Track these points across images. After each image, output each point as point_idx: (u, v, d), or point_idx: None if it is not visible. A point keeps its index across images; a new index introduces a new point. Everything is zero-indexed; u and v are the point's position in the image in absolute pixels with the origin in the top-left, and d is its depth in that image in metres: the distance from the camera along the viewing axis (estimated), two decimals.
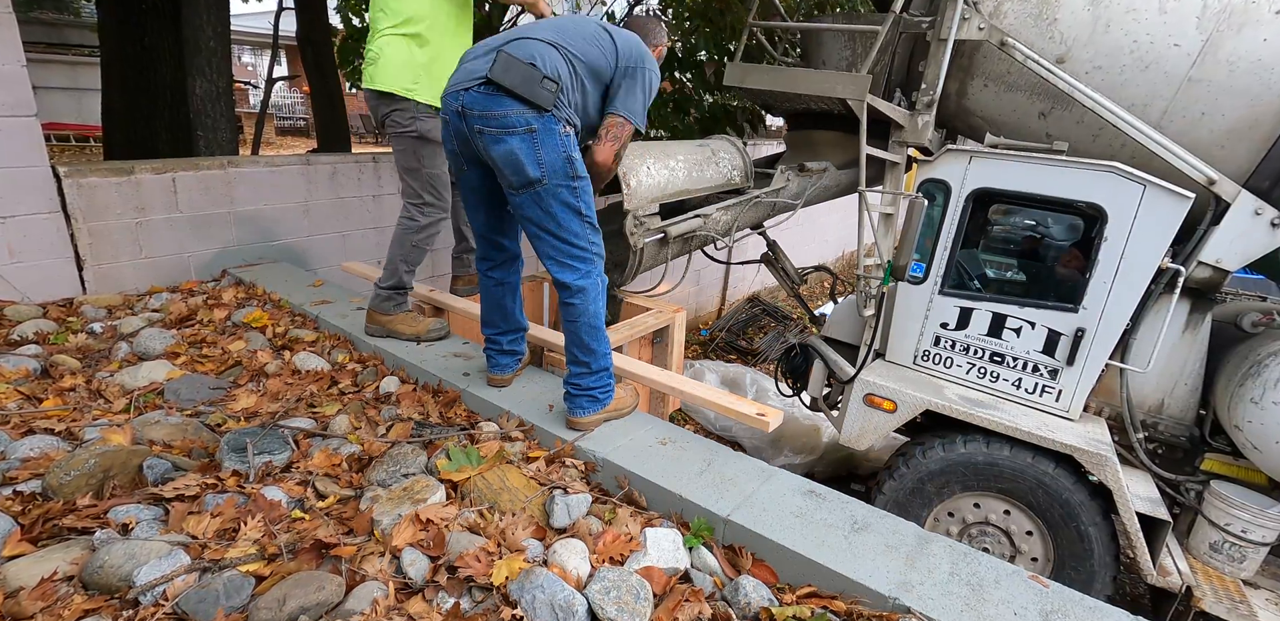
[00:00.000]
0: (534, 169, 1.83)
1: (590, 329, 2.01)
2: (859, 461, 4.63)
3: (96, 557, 1.39)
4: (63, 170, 2.91)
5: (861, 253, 3.21)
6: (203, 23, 4.14)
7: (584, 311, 1.99)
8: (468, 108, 1.82)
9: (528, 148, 1.81)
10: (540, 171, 1.83)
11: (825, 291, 8.34)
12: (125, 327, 2.71)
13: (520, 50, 1.81)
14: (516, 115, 1.79)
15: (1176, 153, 2.75)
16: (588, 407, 2.06)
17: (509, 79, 1.77)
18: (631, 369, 2.45)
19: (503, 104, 1.79)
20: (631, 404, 2.22)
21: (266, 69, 8.48)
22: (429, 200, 2.67)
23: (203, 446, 1.94)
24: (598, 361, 2.04)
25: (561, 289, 1.99)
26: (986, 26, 2.96)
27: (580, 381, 2.04)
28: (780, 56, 4.26)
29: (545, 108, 1.80)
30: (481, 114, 1.81)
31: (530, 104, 1.79)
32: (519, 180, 1.85)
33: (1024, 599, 1.47)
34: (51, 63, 12.06)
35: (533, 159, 1.82)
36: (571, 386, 2.06)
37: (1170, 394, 3.10)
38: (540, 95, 1.79)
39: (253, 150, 8.02)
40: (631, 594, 1.43)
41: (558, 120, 1.84)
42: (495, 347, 2.32)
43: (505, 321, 2.30)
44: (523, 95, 1.77)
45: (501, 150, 1.82)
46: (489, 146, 1.84)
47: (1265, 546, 2.81)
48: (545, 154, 1.83)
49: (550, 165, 1.84)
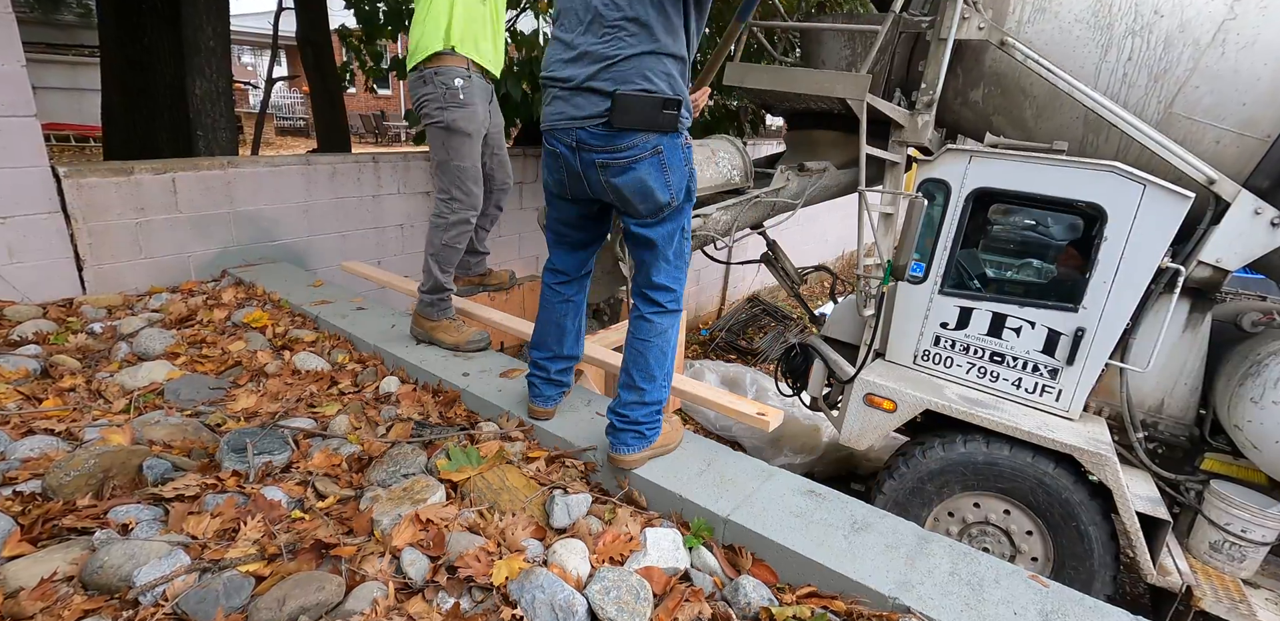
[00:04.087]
0: (664, 193, 1.67)
1: (661, 354, 1.80)
2: (859, 461, 4.63)
3: (96, 558, 1.39)
4: (63, 170, 2.91)
5: (861, 252, 3.21)
6: (202, 23, 4.14)
7: (666, 330, 1.79)
8: (584, 143, 1.64)
9: (656, 172, 1.64)
10: (669, 194, 1.68)
11: (825, 291, 8.34)
12: (125, 328, 2.71)
13: (623, 75, 1.58)
14: (643, 142, 1.62)
15: (1176, 152, 2.75)
16: (633, 444, 1.82)
17: (630, 120, 1.59)
18: None
19: (627, 137, 1.61)
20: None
21: (266, 69, 8.47)
22: (456, 195, 2.57)
23: (203, 446, 1.94)
24: (655, 392, 1.82)
25: (648, 305, 1.80)
26: (986, 26, 2.96)
27: (630, 413, 1.80)
28: (780, 56, 4.26)
29: (670, 129, 1.64)
30: (605, 148, 1.63)
31: (657, 130, 1.62)
32: (647, 208, 1.68)
33: (1024, 598, 1.47)
34: (51, 63, 12.05)
35: (662, 183, 1.66)
36: (618, 417, 1.81)
37: (1170, 393, 3.10)
38: (665, 121, 1.61)
39: (253, 150, 8.01)
40: (631, 594, 1.43)
41: (680, 133, 1.67)
42: (541, 375, 2.05)
43: (560, 344, 2.03)
44: (647, 128, 1.61)
45: (626, 180, 1.64)
46: (611, 177, 1.65)
47: (1265, 546, 2.81)
48: (675, 174, 1.67)
49: (677, 186, 1.69)
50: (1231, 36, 2.74)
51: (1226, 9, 2.74)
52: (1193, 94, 2.80)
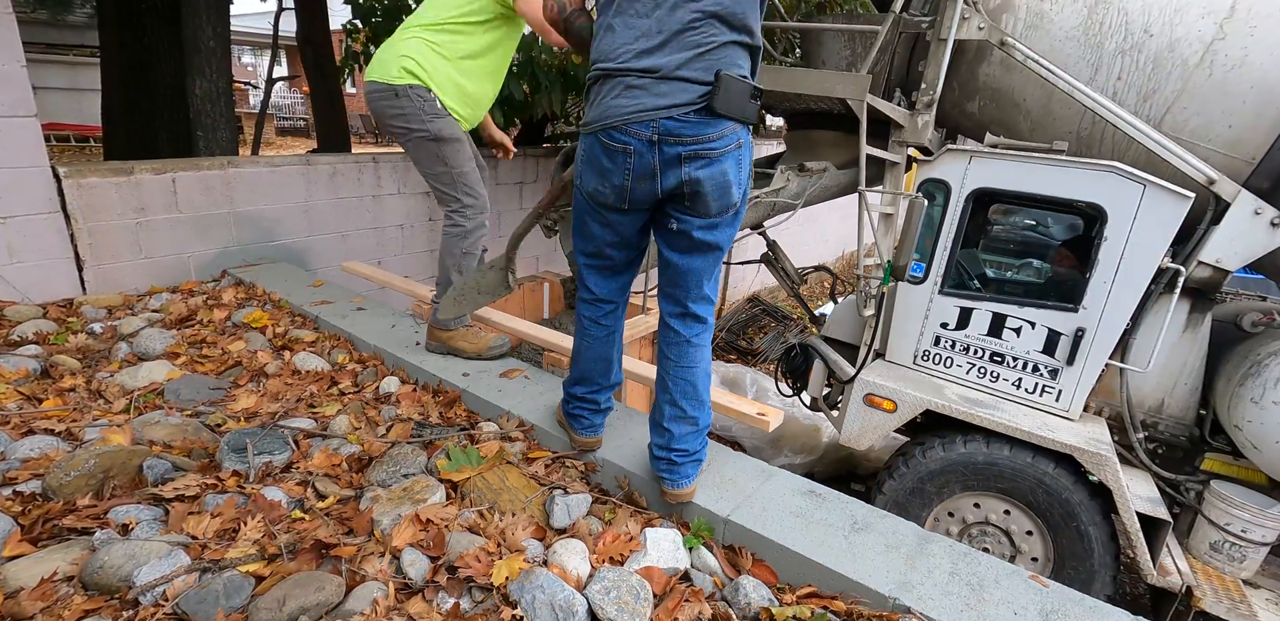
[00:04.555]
0: (737, 191, 1.57)
1: (706, 375, 1.70)
2: (859, 461, 4.63)
3: (96, 558, 1.39)
4: (63, 170, 2.91)
5: (861, 252, 3.21)
6: (203, 23, 4.14)
7: (706, 354, 1.67)
8: (670, 133, 1.48)
9: (735, 168, 1.54)
10: (740, 192, 1.57)
11: (825, 291, 8.34)
12: (125, 328, 2.71)
13: (717, 63, 1.49)
14: (731, 133, 1.52)
15: (1176, 152, 2.75)
16: (692, 475, 1.70)
17: (730, 106, 1.49)
18: (632, 369, 2.45)
19: (718, 125, 1.50)
20: None
21: (266, 69, 8.47)
22: (466, 202, 2.49)
23: (203, 446, 1.94)
24: (707, 415, 1.73)
25: (692, 326, 1.68)
26: (987, 26, 2.96)
27: (688, 445, 1.68)
28: (780, 56, 4.26)
29: (754, 122, 1.56)
30: (696, 138, 1.49)
31: (745, 121, 1.54)
32: (719, 206, 1.56)
33: (1024, 598, 1.47)
34: (51, 63, 12.06)
35: (738, 179, 1.55)
36: (677, 453, 1.68)
37: (1170, 394, 3.10)
38: (751, 112, 1.53)
39: (253, 150, 8.01)
40: (631, 594, 1.43)
41: (749, 128, 1.59)
42: (589, 407, 1.91)
43: (606, 377, 1.89)
44: (740, 117, 1.52)
45: (712, 172, 1.51)
46: (696, 171, 1.51)
47: (1265, 546, 2.81)
48: (744, 173, 1.57)
49: (746, 185, 1.59)
50: (1220, 57, 2.75)
51: (1216, 29, 2.75)
52: (1180, 114, 2.81)
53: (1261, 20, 2.67)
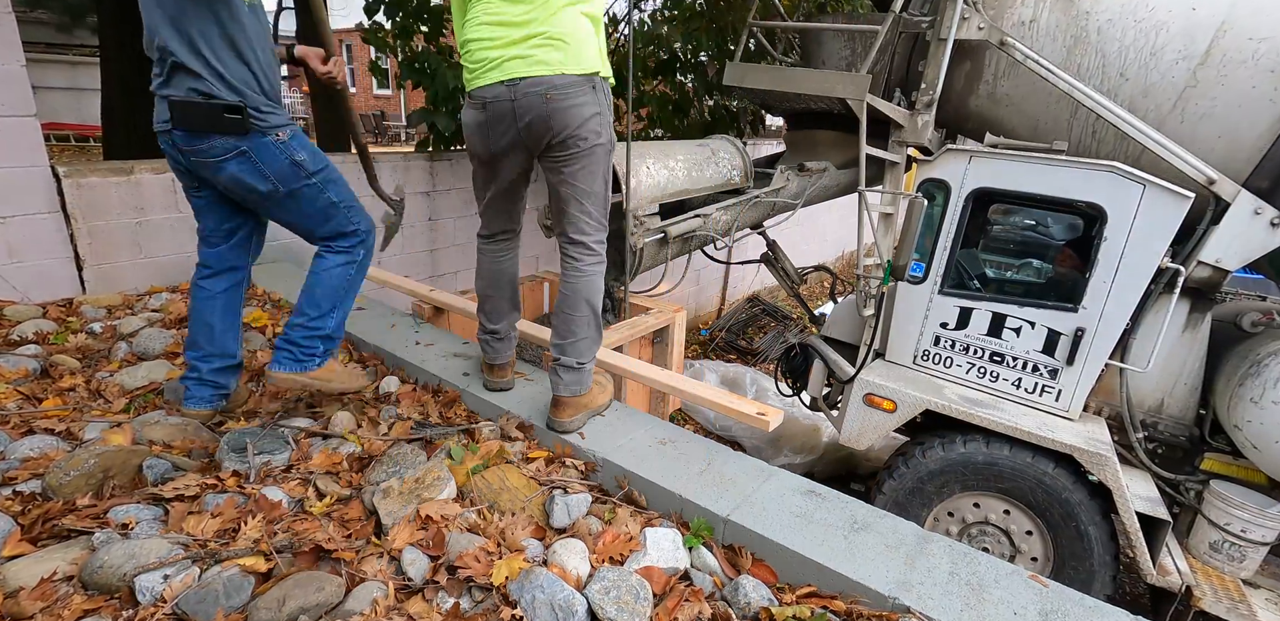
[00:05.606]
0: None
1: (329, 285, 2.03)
2: (859, 461, 4.63)
3: (96, 557, 1.39)
4: (63, 170, 2.90)
5: (861, 252, 3.21)
6: None
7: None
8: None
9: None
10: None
11: (825, 291, 8.34)
12: (125, 327, 2.71)
13: None
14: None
15: (1176, 153, 2.75)
16: (285, 364, 1.98)
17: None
18: (632, 368, 2.45)
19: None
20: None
21: None
22: (606, 229, 2.02)
23: (203, 446, 1.94)
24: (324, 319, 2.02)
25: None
26: (986, 26, 2.96)
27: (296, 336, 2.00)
28: (780, 56, 4.26)
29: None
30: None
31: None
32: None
33: (1024, 598, 1.47)
34: (51, 63, 12.05)
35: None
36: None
37: (1170, 393, 3.10)
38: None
39: None
40: (631, 593, 1.43)
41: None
42: (192, 376, 2.04)
43: (211, 343, 2.04)
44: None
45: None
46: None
47: (1265, 546, 2.81)
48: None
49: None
50: (1191, 105, 2.80)
51: (1189, 75, 2.77)
52: (1154, 157, 2.84)
53: (1234, 68, 2.70)
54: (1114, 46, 2.88)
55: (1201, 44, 2.73)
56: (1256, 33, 2.65)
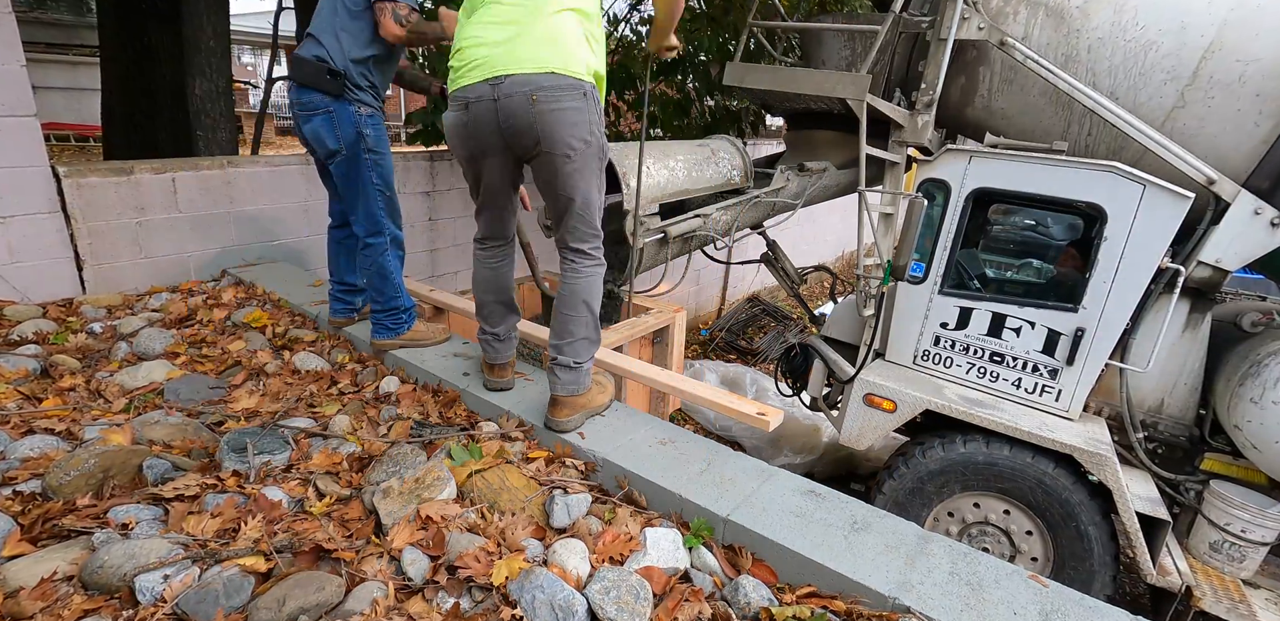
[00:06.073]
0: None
1: (383, 270, 2.52)
2: (859, 461, 4.63)
3: (96, 557, 1.39)
4: (63, 170, 2.91)
5: (861, 252, 3.21)
6: (203, 22, 4.15)
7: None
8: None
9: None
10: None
11: (825, 291, 8.34)
12: (125, 327, 2.71)
13: None
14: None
15: (1176, 152, 2.75)
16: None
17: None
18: (632, 368, 2.45)
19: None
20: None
21: (266, 69, 8.46)
22: (600, 232, 2.01)
23: (203, 446, 1.94)
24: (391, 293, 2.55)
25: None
26: (986, 26, 2.96)
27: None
28: (780, 56, 4.26)
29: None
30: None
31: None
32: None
33: (1024, 598, 1.47)
34: (51, 63, 12.05)
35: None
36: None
37: (1170, 393, 3.10)
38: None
39: (253, 150, 7.99)
40: (631, 593, 1.43)
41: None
42: (332, 294, 2.76)
43: (336, 272, 2.69)
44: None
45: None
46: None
47: (1265, 546, 2.81)
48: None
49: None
50: (1178, 125, 2.81)
51: (1177, 96, 2.78)
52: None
53: (1220, 90, 2.71)
54: (1104, 65, 2.89)
55: (1190, 65, 2.74)
56: (1244, 54, 2.65)
